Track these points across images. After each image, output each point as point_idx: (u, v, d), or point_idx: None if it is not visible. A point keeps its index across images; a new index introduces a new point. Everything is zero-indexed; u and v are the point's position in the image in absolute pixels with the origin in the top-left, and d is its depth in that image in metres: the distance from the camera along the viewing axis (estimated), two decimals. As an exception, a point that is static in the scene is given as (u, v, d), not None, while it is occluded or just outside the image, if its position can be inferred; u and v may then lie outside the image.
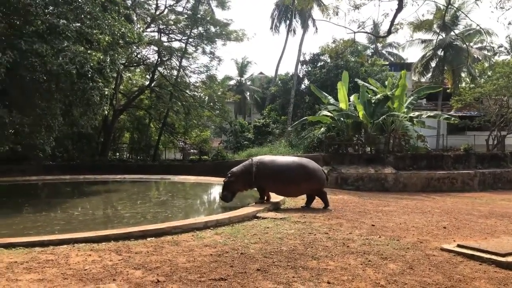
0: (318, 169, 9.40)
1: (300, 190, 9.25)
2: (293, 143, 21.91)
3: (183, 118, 28.60)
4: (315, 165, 9.44)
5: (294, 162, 9.35)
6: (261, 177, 9.18)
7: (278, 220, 7.47)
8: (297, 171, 9.08)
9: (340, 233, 6.42)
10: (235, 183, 9.37)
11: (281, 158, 9.71)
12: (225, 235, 6.14)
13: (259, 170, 9.22)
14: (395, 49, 44.77)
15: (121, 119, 30.07)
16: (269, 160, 9.41)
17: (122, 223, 7.95)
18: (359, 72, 27.13)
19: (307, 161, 9.46)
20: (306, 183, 9.13)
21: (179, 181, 17.76)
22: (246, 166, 9.45)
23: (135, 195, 13.10)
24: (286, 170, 9.09)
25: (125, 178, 18.86)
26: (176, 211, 9.53)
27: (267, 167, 9.21)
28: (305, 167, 9.19)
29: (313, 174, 9.19)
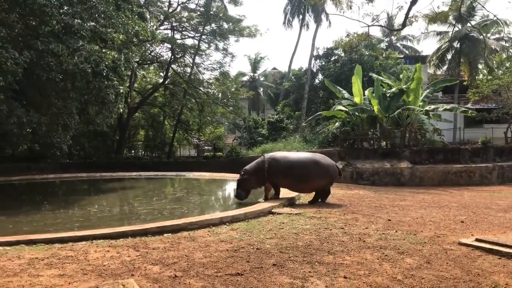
0: (332, 164, 9.37)
1: (313, 185, 9.22)
2: (308, 138, 21.85)
3: (197, 115, 28.77)
4: (328, 161, 9.42)
5: (307, 157, 9.34)
6: (274, 173, 9.20)
7: (294, 215, 7.48)
8: (310, 166, 9.08)
9: (356, 228, 6.41)
10: (248, 180, 9.40)
11: (293, 154, 9.71)
12: (240, 231, 6.18)
13: (271, 166, 9.24)
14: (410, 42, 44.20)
15: (136, 117, 30.39)
16: (281, 156, 9.43)
17: (139, 219, 8.06)
18: (374, 65, 26.86)
19: (321, 157, 9.44)
20: (320, 178, 9.12)
21: (194, 177, 17.89)
22: (259, 163, 9.49)
23: (151, 192, 13.25)
24: (299, 165, 9.11)
25: (141, 175, 19.07)
26: (192, 207, 9.62)
27: (279, 163, 9.22)
28: (318, 163, 9.18)
29: (327, 170, 9.18)
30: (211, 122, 29.95)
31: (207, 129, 30.74)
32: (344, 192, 11.83)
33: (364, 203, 9.54)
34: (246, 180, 9.41)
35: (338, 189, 12.50)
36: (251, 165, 9.61)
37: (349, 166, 16.34)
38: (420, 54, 41.09)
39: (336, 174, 9.34)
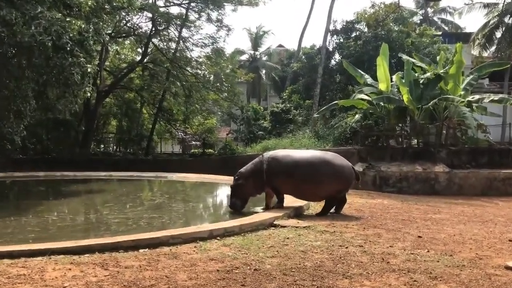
0: (347, 165, 9.38)
1: (323, 191, 9.20)
2: (320, 133, 21.89)
3: (182, 102, 28.75)
4: (342, 161, 9.44)
5: (314, 156, 9.38)
6: (274, 176, 9.22)
7: (301, 229, 7.50)
8: (318, 167, 9.07)
9: (379, 246, 6.42)
10: (244, 186, 9.41)
11: (298, 152, 9.76)
12: (235, 247, 6.20)
13: (271, 167, 9.25)
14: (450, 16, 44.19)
15: (107, 103, 30.38)
16: (283, 155, 9.46)
17: (109, 230, 8.08)
18: (404, 44, 26.86)
19: (332, 156, 9.47)
20: (331, 183, 9.10)
21: (178, 180, 17.89)
22: (256, 164, 9.52)
23: (124, 197, 13.24)
24: (304, 166, 9.09)
25: (112, 175, 19.07)
26: (175, 217, 9.64)
27: (281, 163, 9.24)
28: (329, 163, 9.17)
29: (340, 172, 9.16)
30: (200, 111, 29.92)
31: (195, 120, 30.72)
32: (365, 201, 11.84)
33: (389, 215, 9.56)
34: (242, 185, 9.42)
35: (356, 197, 12.50)
36: (247, 167, 9.64)
37: (371, 169, 16.38)
38: (462, 31, 41.10)
39: (352, 178, 9.35)
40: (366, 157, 17.16)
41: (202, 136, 29.65)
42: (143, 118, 31.91)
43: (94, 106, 26.96)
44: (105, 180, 18.28)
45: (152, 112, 30.71)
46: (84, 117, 27.82)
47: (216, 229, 6.95)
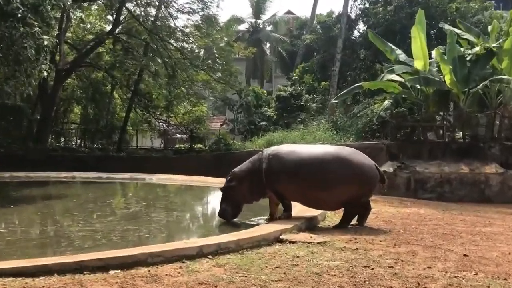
0: (368, 163, 9.31)
1: (338, 198, 9.17)
2: (340, 124, 21.87)
3: (164, 84, 28.73)
4: (362, 158, 9.38)
5: (327, 153, 9.34)
6: (275, 178, 9.23)
7: (315, 245, 7.48)
8: (332, 167, 9.02)
9: (413, 268, 6.42)
10: (238, 189, 9.48)
11: (306, 148, 9.75)
12: (231, 268, 6.19)
13: (272, 167, 9.26)
14: (506, -26, 43.97)
15: (68, 85, 30.38)
16: (287, 151, 9.44)
17: (72, 246, 8.08)
18: (447, 11, 26.79)
19: (350, 152, 9.45)
20: (349, 186, 9.07)
21: (159, 182, 17.89)
22: (254, 162, 9.56)
23: (91, 204, 13.23)
24: (314, 165, 9.07)
25: (75, 177, 19.10)
26: (155, 230, 9.63)
27: (284, 161, 9.23)
28: (345, 161, 9.10)
29: (359, 172, 9.10)
30: (187, 96, 29.93)
31: (180, 107, 30.74)
32: (395, 210, 11.82)
33: (426, 228, 9.55)
34: (234, 188, 9.49)
35: (385, 205, 12.47)
36: (242, 166, 9.70)
37: (404, 169, 16.37)
38: (521, -7, 40.85)
39: (375, 180, 9.29)
40: (397, 154, 17.13)
41: (190, 127, 29.67)
42: (114, 104, 31.93)
43: (52, 89, 26.93)
44: (67, 182, 18.31)
45: (125, 96, 30.72)
46: (39, 103, 27.84)
47: (207, 245, 6.92)
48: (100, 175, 19.22)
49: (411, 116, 18.61)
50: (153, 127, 31.65)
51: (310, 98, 28.73)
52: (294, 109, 28.17)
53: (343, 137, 19.84)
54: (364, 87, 19.73)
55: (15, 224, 10.30)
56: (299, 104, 28.29)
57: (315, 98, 29.00)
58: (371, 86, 19.68)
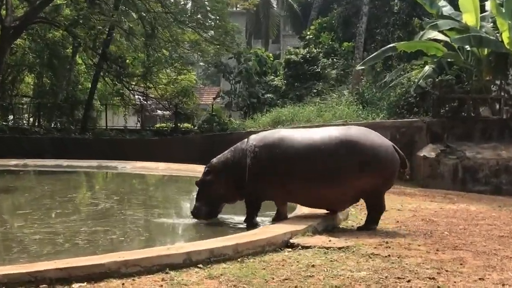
0: (384, 144, 9.41)
1: (347, 192, 9.29)
2: (367, 97, 21.79)
3: (141, 46, 28.66)
4: (376, 138, 9.49)
5: (329, 137, 9.38)
6: (263, 175, 9.37)
7: (335, 251, 7.50)
8: (337, 154, 9.10)
9: (461, 279, 6.43)
10: (215, 185, 9.71)
11: (301, 133, 9.77)
12: (227, 280, 6.20)
13: (259, 161, 9.38)
14: None
15: (18, 47, 30.30)
16: (277, 139, 9.53)
17: (26, 253, 8.08)
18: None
19: (359, 132, 9.52)
20: (360, 176, 9.14)
21: (135, 172, 17.96)
22: (236, 154, 9.73)
23: (49, 199, 13.26)
24: (313, 154, 9.18)
25: (27, 165, 19.14)
26: (131, 231, 9.67)
27: (274, 153, 9.33)
28: (353, 145, 9.18)
29: (374, 157, 9.18)
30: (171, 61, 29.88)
31: (161, 76, 30.69)
32: (438, 206, 11.83)
33: (477, 229, 9.56)
34: (210, 183, 9.73)
35: (425, 200, 12.50)
36: (222, 156, 9.92)
37: (449, 154, 16.34)
38: None
39: (393, 164, 9.37)
40: (441, 134, 17.10)
41: (174, 101, 29.64)
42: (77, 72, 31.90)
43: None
44: (17, 172, 18.34)
45: (91, 62, 30.68)
46: (-19, 71, 27.81)
47: (197, 251, 6.92)
48: (59, 163, 19.28)
49: (459, 86, 18.50)
50: (127, 101, 31.65)
51: (328, 64, 28.63)
52: (308, 78, 28.10)
53: (371, 113, 19.77)
54: (398, 48, 19.62)
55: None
56: (314, 71, 28.19)
57: (335, 63, 28.91)
58: (408, 48, 19.59)
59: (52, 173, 18.00)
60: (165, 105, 30.75)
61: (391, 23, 28.79)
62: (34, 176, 18.03)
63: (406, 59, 22.11)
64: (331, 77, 27.65)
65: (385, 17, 29.42)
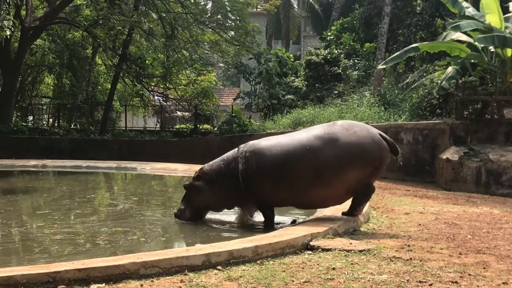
0: (370, 135, 9.46)
1: (340, 187, 9.36)
2: (389, 98, 21.72)
3: (161, 47, 28.73)
4: (361, 129, 9.56)
5: (317, 135, 9.49)
6: (258, 181, 9.50)
7: (356, 254, 7.49)
8: (323, 151, 9.21)
9: (484, 283, 6.39)
10: (203, 192, 9.92)
11: (290, 136, 9.91)
12: (246, 282, 6.20)
13: (251, 169, 9.52)
14: None
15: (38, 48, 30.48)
16: (268, 145, 9.68)
17: (47, 253, 8.12)
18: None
19: (342, 126, 9.58)
20: (350, 169, 9.24)
21: (154, 173, 17.98)
22: (228, 162, 9.88)
23: (68, 200, 13.35)
24: (301, 156, 9.29)
25: (46, 165, 19.22)
26: (151, 232, 9.71)
27: (266, 158, 9.48)
28: (338, 139, 9.29)
29: (362, 148, 9.27)
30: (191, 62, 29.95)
31: (181, 76, 30.76)
32: (461, 209, 11.77)
33: (501, 233, 9.50)
34: (198, 190, 9.96)
35: (448, 203, 12.44)
36: (214, 163, 10.07)
37: (472, 157, 16.25)
38: None
39: (382, 152, 9.41)
40: (464, 137, 17.01)
41: (193, 102, 29.70)
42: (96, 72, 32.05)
43: (17, 53, 27.09)
44: (36, 172, 18.43)
45: (111, 62, 30.78)
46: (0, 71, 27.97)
47: (216, 252, 6.93)
48: (78, 164, 19.36)
49: (483, 88, 18.39)
50: (147, 102, 31.74)
51: (350, 65, 28.53)
52: (329, 79, 28.07)
53: (393, 115, 19.70)
54: (421, 49, 19.55)
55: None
56: (335, 72, 28.14)
57: (356, 64, 28.78)
58: (430, 49, 19.52)
59: (71, 174, 18.09)
60: (184, 106, 30.84)
61: (413, 24, 28.67)
62: (53, 176, 18.11)
63: (428, 60, 22.02)
64: (353, 78, 27.52)
65: (408, 17, 29.31)
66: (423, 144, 17.59)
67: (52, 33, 30.05)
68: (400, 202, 12.80)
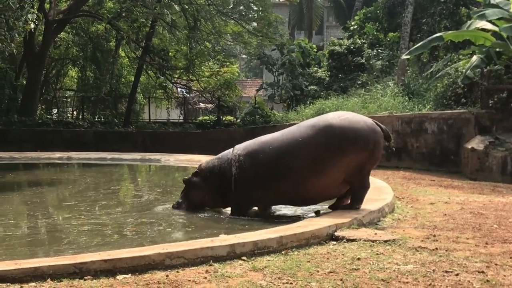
0: (362, 122, 9.45)
1: (336, 177, 9.38)
2: (413, 87, 21.62)
3: (184, 39, 28.76)
4: (352, 117, 9.56)
5: (308, 126, 9.59)
6: (250, 183, 9.64)
7: (381, 244, 7.47)
8: (318, 142, 9.24)
9: (510, 273, 6.32)
10: (200, 189, 10.19)
11: (285, 131, 9.99)
12: (271, 273, 6.20)
13: (244, 170, 9.68)
14: None
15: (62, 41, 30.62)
16: (261, 142, 9.86)
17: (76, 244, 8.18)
18: None
19: (333, 116, 9.65)
20: (344, 158, 9.23)
21: (178, 164, 18.01)
22: (222, 162, 10.11)
23: (93, 192, 13.44)
24: (296, 148, 9.36)
25: (71, 157, 19.33)
26: (176, 223, 9.76)
27: (259, 158, 9.60)
28: (330, 129, 9.29)
29: (354, 135, 9.23)
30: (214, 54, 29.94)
31: (204, 68, 30.78)
32: (487, 199, 11.70)
33: (528, 223, 9.43)
34: (196, 186, 10.21)
35: (474, 192, 12.39)
36: (210, 162, 10.37)
37: (498, 146, 16.14)
38: None
39: (375, 137, 9.36)
40: (489, 126, 16.89)
41: (216, 94, 29.71)
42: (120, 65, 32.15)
43: (42, 46, 27.23)
44: (61, 165, 18.54)
45: (134, 55, 30.88)
46: (25, 64, 28.14)
47: (241, 243, 6.95)
48: (103, 156, 19.47)
49: (508, 76, 18.24)
50: (170, 94, 31.79)
51: (373, 54, 28.39)
52: (353, 69, 27.96)
53: (417, 104, 19.61)
54: (445, 38, 19.44)
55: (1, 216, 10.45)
56: (359, 62, 28.04)
57: (380, 54, 28.64)
58: (455, 38, 19.38)
59: (96, 166, 18.18)
60: (207, 98, 30.85)
61: (437, 13, 28.42)
62: (78, 168, 18.21)
63: (453, 49, 21.84)
64: (376, 68, 27.39)
65: (432, 6, 29.05)
66: (448, 134, 17.50)
67: (76, 26, 30.18)
68: (425, 192, 12.75)
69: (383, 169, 17.08)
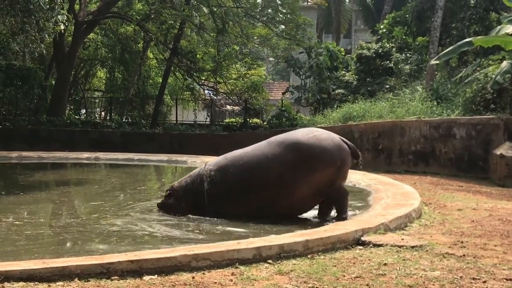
0: (329, 140, 9.63)
1: (306, 195, 9.61)
2: (442, 92, 21.51)
3: (212, 41, 28.84)
4: (320, 135, 9.75)
5: (278, 143, 9.77)
6: (221, 197, 9.81)
7: (408, 249, 7.43)
8: (286, 159, 9.45)
9: (541, 281, 6.30)
10: (175, 209, 10.23)
11: (256, 146, 10.17)
12: (297, 277, 6.19)
13: (216, 185, 9.87)
14: None
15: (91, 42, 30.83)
16: (232, 157, 10.12)
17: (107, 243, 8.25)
18: None
19: (302, 132, 10.02)
20: (313, 174, 9.44)
21: (204, 166, 18.06)
22: (194, 179, 10.27)
23: (120, 192, 13.58)
24: (265, 165, 9.56)
25: (99, 158, 19.46)
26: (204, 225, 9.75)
27: (230, 173, 9.80)
28: (299, 145, 9.55)
29: (323, 152, 9.44)
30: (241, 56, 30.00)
31: (231, 71, 30.84)
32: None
33: (559, 230, 9.34)
34: (171, 208, 10.26)
35: (502, 199, 12.31)
36: (182, 181, 10.44)
37: (526, 154, 16.02)
38: None
39: (341, 154, 9.56)
40: (519, 133, 16.78)
41: (243, 96, 29.78)
42: (148, 66, 32.31)
43: (71, 47, 27.46)
44: (88, 165, 18.66)
45: (162, 56, 31.04)
46: (54, 65, 28.36)
47: (267, 246, 6.94)
48: (130, 156, 19.58)
49: (538, 84, 18.16)
50: (197, 96, 31.89)
51: (402, 59, 28.29)
52: (381, 73, 27.87)
53: (445, 109, 19.48)
54: (475, 43, 19.30)
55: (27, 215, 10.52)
56: (387, 66, 27.94)
57: (408, 58, 28.54)
58: (484, 43, 19.24)
59: (122, 166, 18.29)
60: (234, 100, 30.93)
61: (467, 18, 28.29)
62: (105, 169, 18.33)
63: (482, 54, 21.70)
64: (405, 72, 27.29)
65: (461, 11, 28.91)
66: (477, 140, 17.36)
67: (105, 27, 30.41)
68: (453, 198, 12.67)
69: (411, 174, 17.04)
